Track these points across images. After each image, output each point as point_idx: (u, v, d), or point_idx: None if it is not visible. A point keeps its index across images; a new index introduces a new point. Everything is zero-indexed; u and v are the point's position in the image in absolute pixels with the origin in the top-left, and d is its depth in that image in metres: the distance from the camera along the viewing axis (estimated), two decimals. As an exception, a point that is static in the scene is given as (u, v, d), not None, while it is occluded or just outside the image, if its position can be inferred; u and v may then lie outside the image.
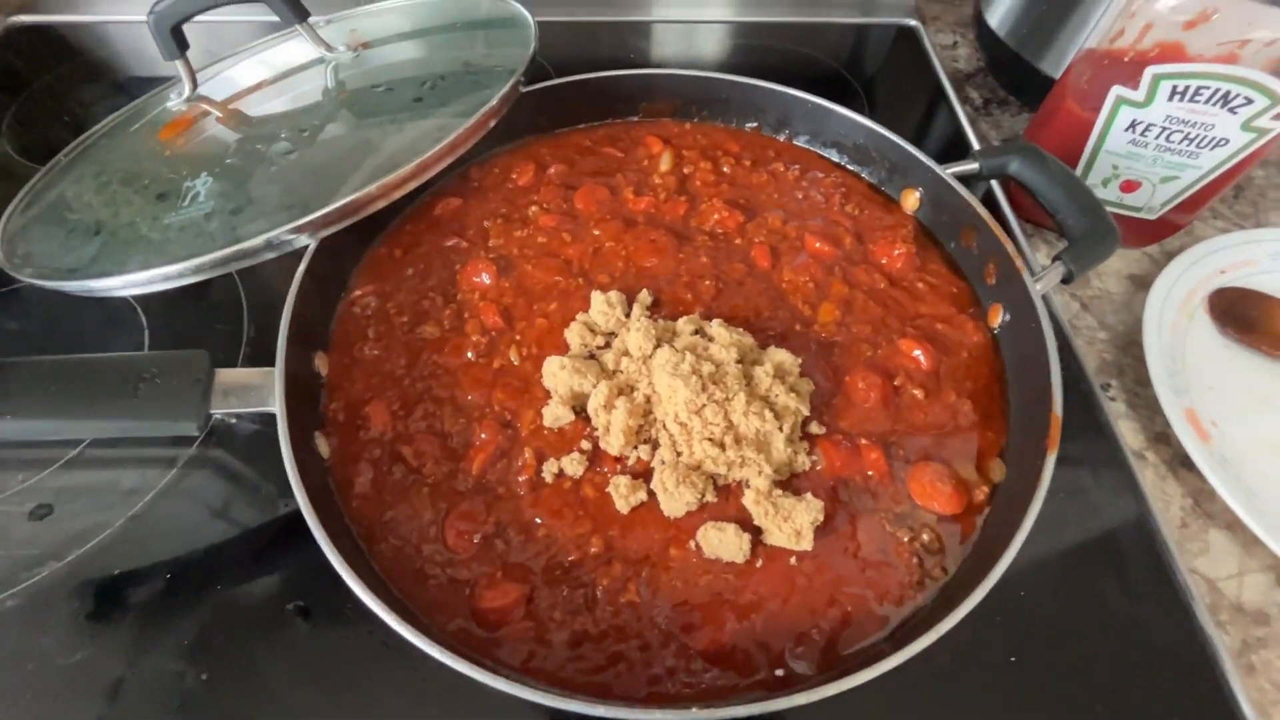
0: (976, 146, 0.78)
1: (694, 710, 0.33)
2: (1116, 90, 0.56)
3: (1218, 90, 0.53)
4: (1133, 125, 0.58)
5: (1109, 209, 0.52)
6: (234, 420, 0.54)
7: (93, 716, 0.42)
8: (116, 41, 0.91)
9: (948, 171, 0.55)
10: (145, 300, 0.62)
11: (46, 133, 0.80)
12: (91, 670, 0.44)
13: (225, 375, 0.43)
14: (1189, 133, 0.56)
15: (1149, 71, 0.54)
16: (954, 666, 0.43)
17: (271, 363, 0.45)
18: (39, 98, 0.83)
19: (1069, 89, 0.61)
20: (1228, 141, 0.55)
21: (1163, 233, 0.67)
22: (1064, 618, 0.47)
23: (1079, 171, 0.62)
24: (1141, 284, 0.67)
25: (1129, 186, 0.63)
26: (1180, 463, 0.56)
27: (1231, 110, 0.54)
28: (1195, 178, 0.59)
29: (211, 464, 0.53)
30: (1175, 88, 0.54)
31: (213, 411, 0.42)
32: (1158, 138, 0.58)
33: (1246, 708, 0.44)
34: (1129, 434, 0.57)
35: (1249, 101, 0.53)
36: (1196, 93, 0.54)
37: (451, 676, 0.42)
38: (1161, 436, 0.58)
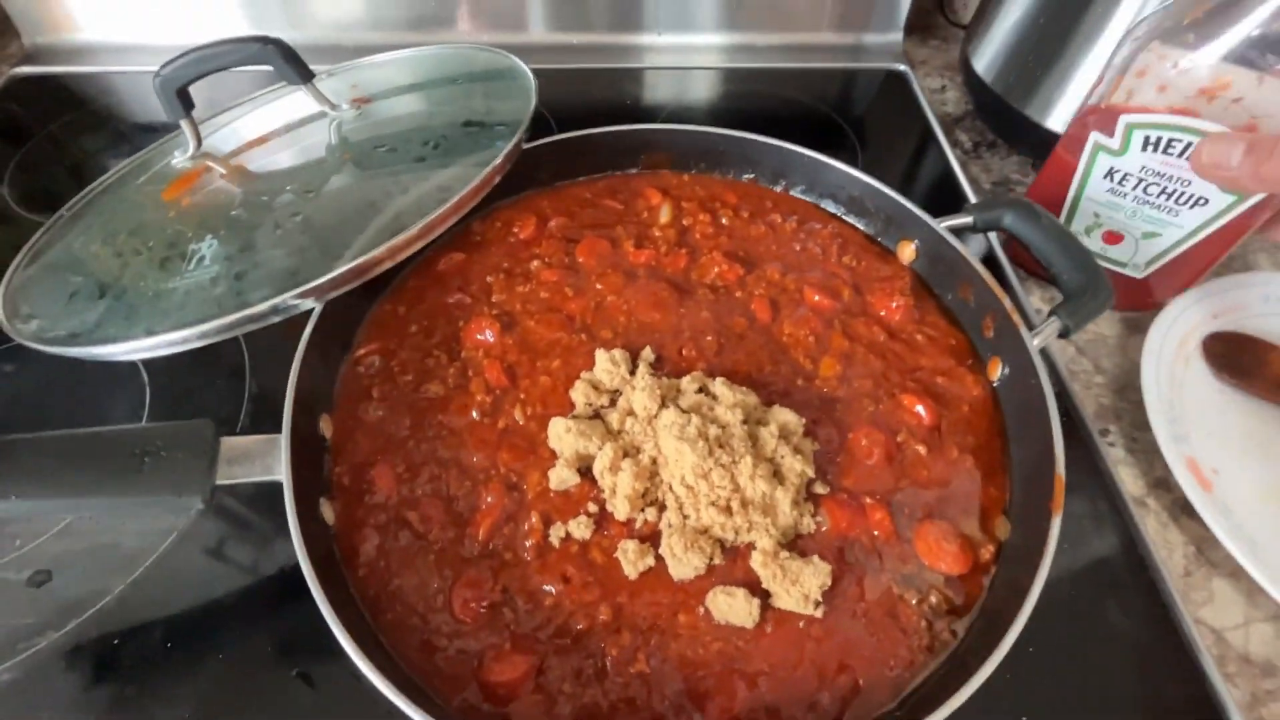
0: (968, 189, 0.79)
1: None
2: (1095, 136, 0.57)
3: (1190, 144, 0.52)
4: (1111, 173, 0.58)
5: (1099, 259, 0.52)
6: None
7: (91, 796, 0.41)
8: (119, 91, 0.92)
9: (942, 225, 0.56)
10: (148, 361, 0.62)
11: (49, 184, 0.81)
12: (90, 747, 0.43)
13: (230, 444, 0.43)
14: (1166, 186, 0.56)
15: (1122, 120, 0.54)
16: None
17: (275, 421, 0.45)
18: (42, 148, 0.84)
19: (1065, 135, 0.61)
20: (1207, 201, 0.55)
21: (1150, 299, 0.66)
22: (1072, 673, 0.47)
23: (1063, 217, 0.63)
24: (1135, 327, 0.68)
25: (1111, 238, 0.62)
26: (1181, 509, 0.56)
27: None
28: (1178, 237, 0.59)
29: (213, 527, 0.52)
30: (1148, 138, 0.54)
31: (220, 482, 0.41)
32: (1135, 188, 0.57)
33: (1258, 764, 0.44)
34: (1129, 480, 0.58)
35: None
36: (1169, 144, 0.53)
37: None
38: (1161, 482, 0.58)
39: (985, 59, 0.83)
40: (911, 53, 1.00)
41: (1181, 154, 0.53)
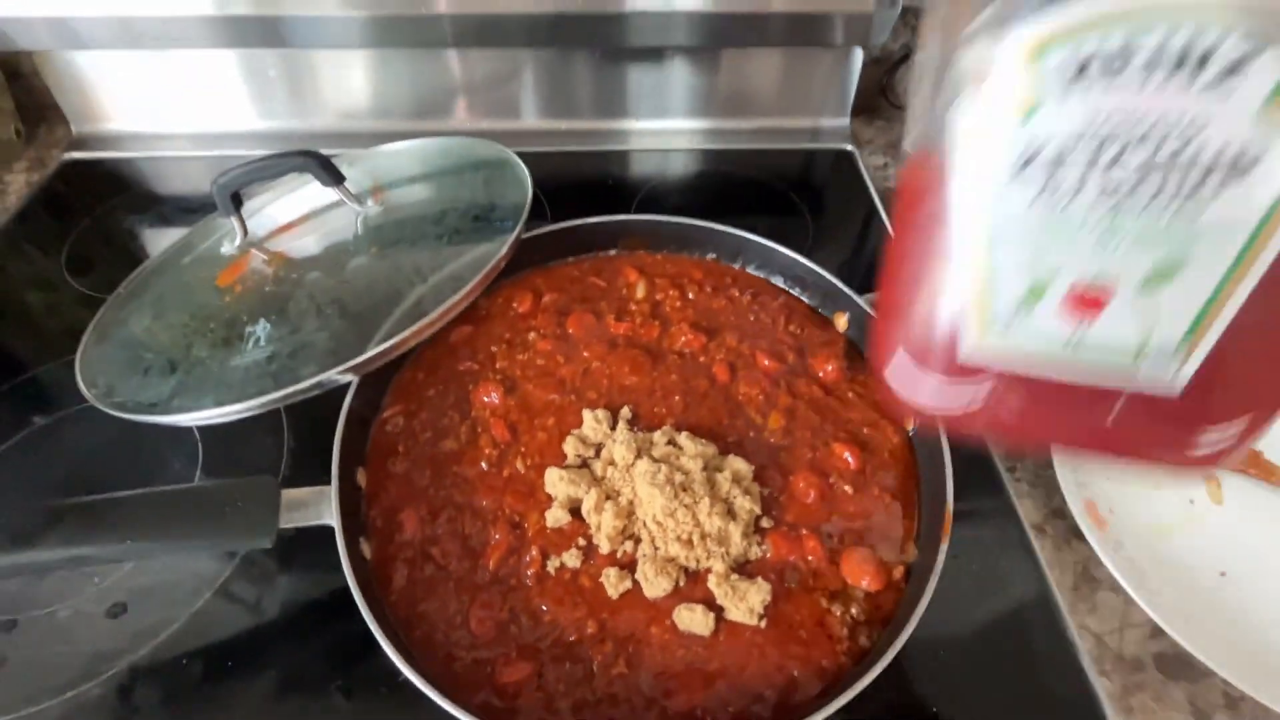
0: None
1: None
2: (960, 108, 0.28)
3: (1167, 39, 0.23)
4: (1027, 162, 0.28)
5: (1074, 363, 0.30)
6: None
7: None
8: (161, 175, 1.04)
9: (865, 299, 0.69)
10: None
11: (102, 262, 0.92)
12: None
13: (288, 495, 0.53)
14: (1152, 151, 0.26)
15: (1016, 38, 0.25)
16: (886, 718, 0.53)
17: (312, 471, 0.55)
18: (93, 229, 0.95)
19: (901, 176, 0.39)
20: (1245, 154, 0.24)
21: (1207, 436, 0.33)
22: (976, 673, 0.57)
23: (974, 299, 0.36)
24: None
25: (1086, 304, 0.30)
26: (1073, 533, 0.67)
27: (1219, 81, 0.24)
28: (1224, 265, 0.27)
29: (261, 563, 0.62)
30: (1080, 57, 0.25)
31: (282, 526, 0.52)
32: (1088, 174, 0.27)
33: (1125, 744, 0.55)
34: (1031, 509, 0.69)
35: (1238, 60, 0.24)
36: (1125, 56, 0.24)
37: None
38: (1058, 511, 0.69)
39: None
40: (859, 132, 1.14)
41: (1154, 66, 0.24)
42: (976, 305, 0.32)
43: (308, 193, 0.81)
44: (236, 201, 0.73)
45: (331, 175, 0.73)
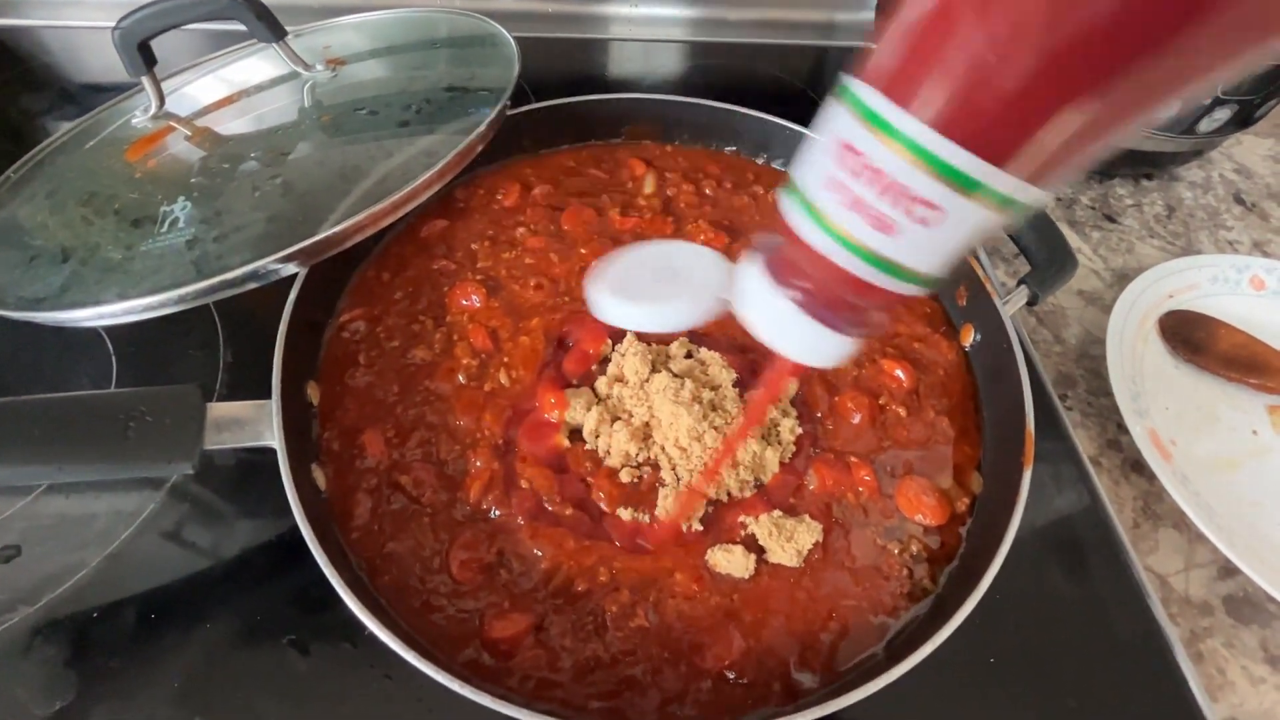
0: (937, 167, 0.82)
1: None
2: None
3: None
4: None
5: None
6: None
7: (79, 769, 0.41)
8: (62, 48, 0.86)
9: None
10: (111, 328, 0.59)
11: (-11, 145, 0.76)
12: (74, 720, 0.42)
13: (217, 410, 0.42)
14: None
15: None
16: (941, 669, 0.45)
17: (253, 390, 0.44)
18: (-21, 107, 0.79)
19: None
20: None
21: None
22: (1036, 618, 0.50)
23: None
24: (1090, 299, 0.72)
25: None
26: (1131, 467, 0.61)
27: None
28: None
29: (193, 496, 0.51)
30: None
31: (208, 448, 0.40)
32: None
33: (1197, 692, 0.48)
34: (1085, 441, 0.62)
35: None
36: None
37: (458, 708, 0.42)
38: (1114, 443, 0.62)
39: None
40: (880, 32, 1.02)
41: None
42: None
43: (246, 67, 0.66)
44: (148, 57, 0.58)
45: (268, 25, 0.59)
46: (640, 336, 0.52)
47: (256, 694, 0.43)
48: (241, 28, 0.59)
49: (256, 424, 0.42)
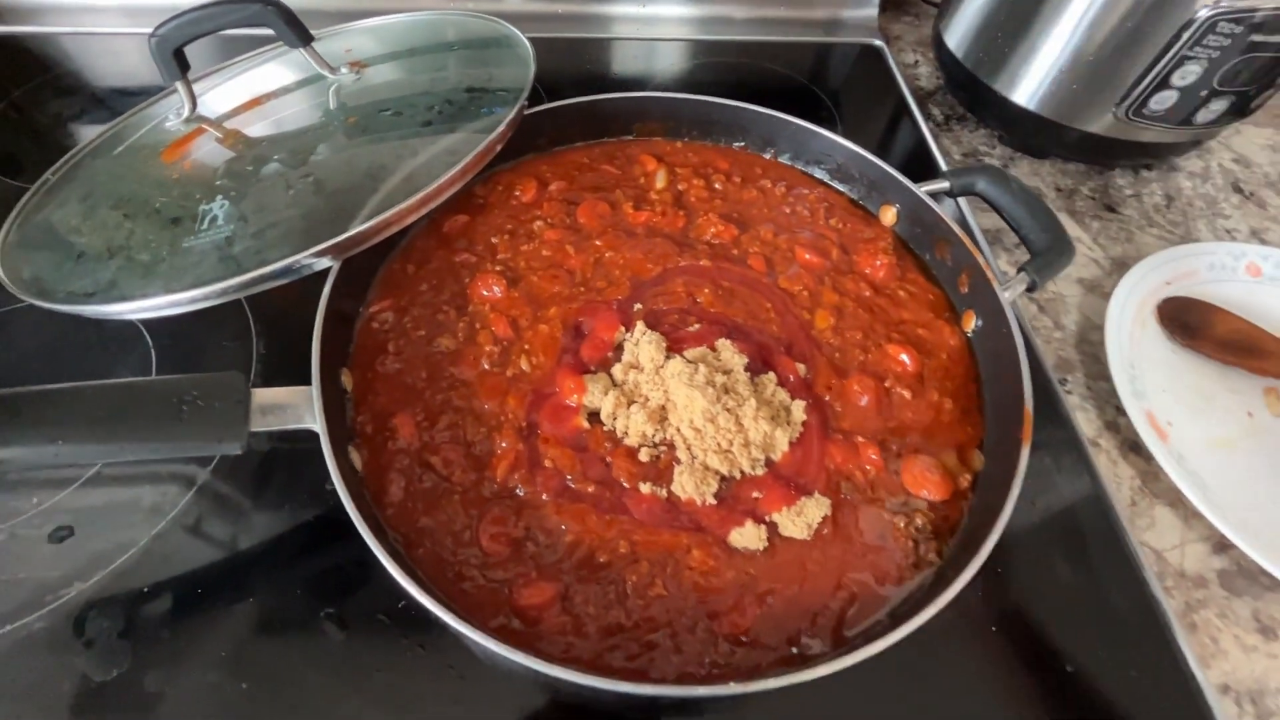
0: (940, 159, 0.84)
1: (730, 685, 0.37)
2: None
3: None
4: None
5: None
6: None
7: (136, 731, 0.43)
8: (90, 54, 0.89)
9: (923, 189, 0.61)
10: (150, 321, 0.62)
11: (20, 150, 0.79)
12: (130, 687, 0.45)
13: (261, 395, 0.45)
14: None
15: None
16: (943, 638, 0.48)
17: (287, 378, 0.47)
18: (10, 113, 0.82)
19: None
20: None
21: None
22: (1035, 590, 0.52)
23: None
24: (1089, 287, 0.74)
25: None
26: (1129, 448, 0.63)
27: None
28: None
29: (235, 479, 0.54)
30: None
31: (254, 429, 0.43)
32: None
33: (1191, 661, 0.50)
34: (1084, 423, 0.64)
35: None
36: None
37: (489, 675, 0.45)
38: (1112, 425, 0.64)
39: (956, 35, 0.87)
40: (886, 28, 1.04)
41: None
42: None
43: (272, 70, 0.69)
44: (182, 63, 0.61)
45: (296, 31, 0.61)
46: (650, 325, 0.55)
47: (299, 663, 0.46)
48: (265, 32, 0.62)
49: (298, 408, 0.45)
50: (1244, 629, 0.54)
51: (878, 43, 0.99)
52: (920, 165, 0.84)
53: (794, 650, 0.43)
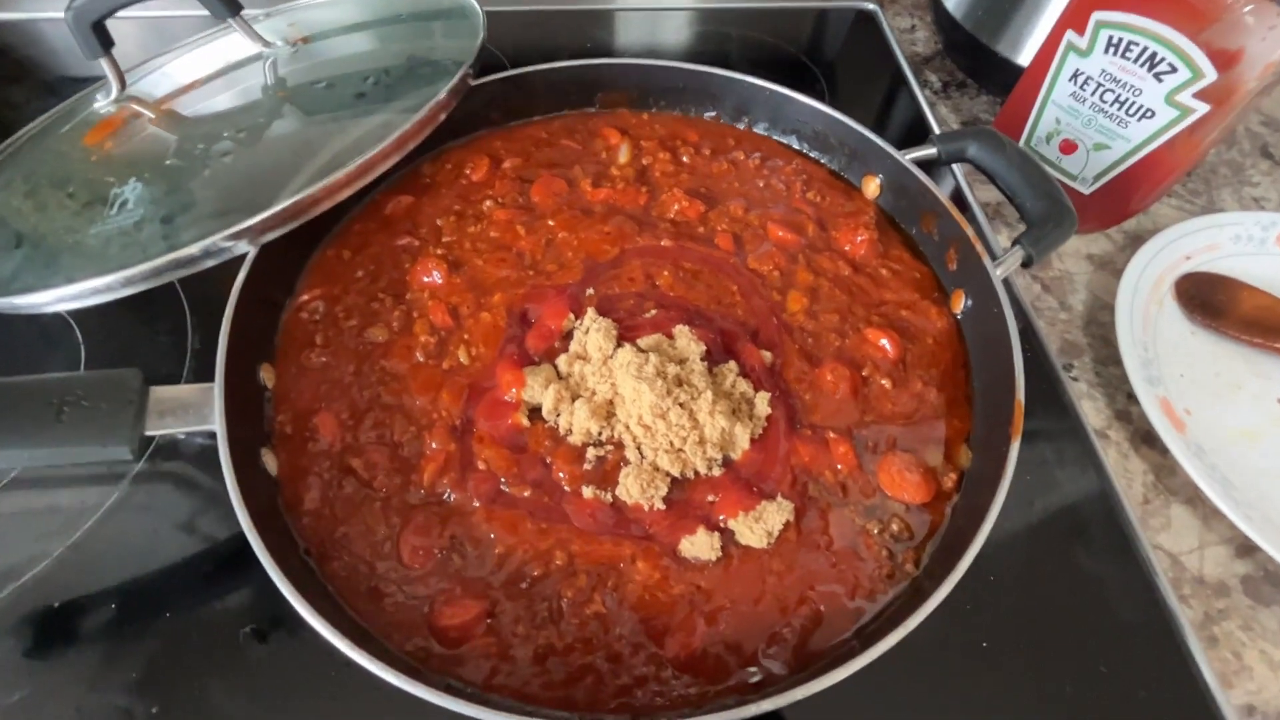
0: (936, 129, 0.77)
1: (674, 716, 0.33)
2: (1068, 36, 0.58)
3: (1146, 49, 0.54)
4: (1075, 76, 0.60)
5: (1050, 169, 0.53)
6: (182, 436, 0.52)
7: (35, 760, 0.40)
8: (43, 40, 0.86)
9: (907, 157, 0.55)
10: (80, 314, 0.58)
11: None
12: (33, 711, 0.42)
13: (161, 393, 0.41)
14: (1120, 94, 0.58)
15: (1093, 17, 0.56)
16: (928, 655, 0.43)
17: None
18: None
19: (1044, 42, 0.61)
20: (1154, 114, 0.56)
21: (1099, 218, 0.67)
22: (1032, 600, 0.47)
23: (1027, 127, 0.65)
24: (1100, 264, 0.68)
25: (1067, 147, 0.64)
26: (1141, 439, 0.57)
27: (1157, 77, 0.55)
28: (1125, 150, 0.60)
29: (157, 484, 0.50)
30: (1111, 38, 0.56)
31: (150, 433, 0.39)
32: (1094, 93, 0.59)
33: (1210, 679, 0.45)
34: (1091, 413, 0.58)
35: (1173, 70, 0.53)
36: (1128, 47, 0.55)
37: (412, 696, 0.41)
38: (1123, 414, 0.58)
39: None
40: (880, -10, 0.97)
41: (1138, 60, 0.55)
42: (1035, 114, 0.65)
43: (215, 50, 0.65)
44: (104, 39, 0.57)
45: (224, 1, 0.57)
46: (603, 312, 0.50)
47: (213, 685, 0.43)
48: (206, 13, 0.58)
49: (201, 408, 0.41)
50: (1271, 643, 0.48)
51: (871, 7, 0.93)
52: (916, 136, 0.77)
53: (751, 675, 0.38)
